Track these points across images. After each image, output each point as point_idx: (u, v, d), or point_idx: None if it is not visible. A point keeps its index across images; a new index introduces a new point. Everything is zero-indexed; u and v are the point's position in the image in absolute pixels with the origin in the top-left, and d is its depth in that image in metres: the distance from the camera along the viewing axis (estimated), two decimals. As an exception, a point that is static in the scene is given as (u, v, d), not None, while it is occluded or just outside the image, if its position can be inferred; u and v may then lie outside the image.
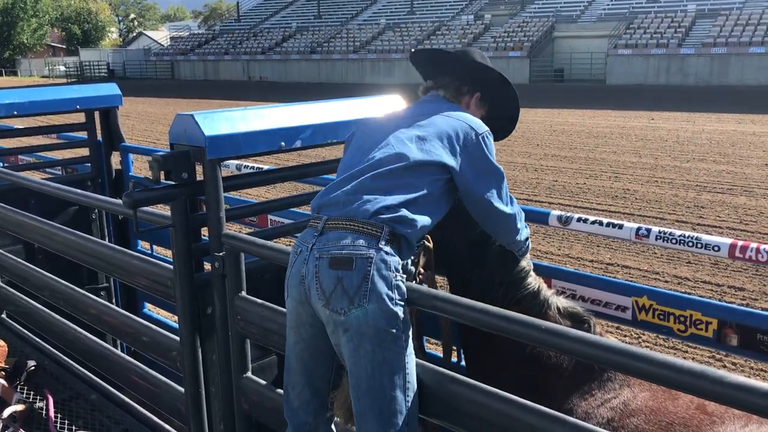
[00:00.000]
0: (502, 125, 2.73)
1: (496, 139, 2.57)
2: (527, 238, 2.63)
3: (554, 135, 19.98)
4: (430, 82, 2.65)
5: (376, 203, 2.17)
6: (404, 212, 2.17)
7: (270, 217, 4.35)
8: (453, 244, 2.70)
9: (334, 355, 2.22)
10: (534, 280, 2.63)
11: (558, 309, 2.60)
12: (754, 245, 2.65)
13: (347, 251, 2.08)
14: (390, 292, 2.05)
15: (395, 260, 2.10)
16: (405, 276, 2.12)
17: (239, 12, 67.56)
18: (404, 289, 2.08)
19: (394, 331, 2.05)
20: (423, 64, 2.73)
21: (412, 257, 2.58)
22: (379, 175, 2.24)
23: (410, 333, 2.12)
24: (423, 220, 2.22)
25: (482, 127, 2.40)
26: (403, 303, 2.07)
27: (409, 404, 2.09)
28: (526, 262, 2.67)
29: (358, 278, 2.05)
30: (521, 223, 2.55)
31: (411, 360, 2.10)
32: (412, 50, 2.71)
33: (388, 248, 2.10)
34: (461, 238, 2.68)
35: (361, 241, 2.10)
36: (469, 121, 2.40)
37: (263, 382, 2.71)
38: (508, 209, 2.44)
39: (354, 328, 2.05)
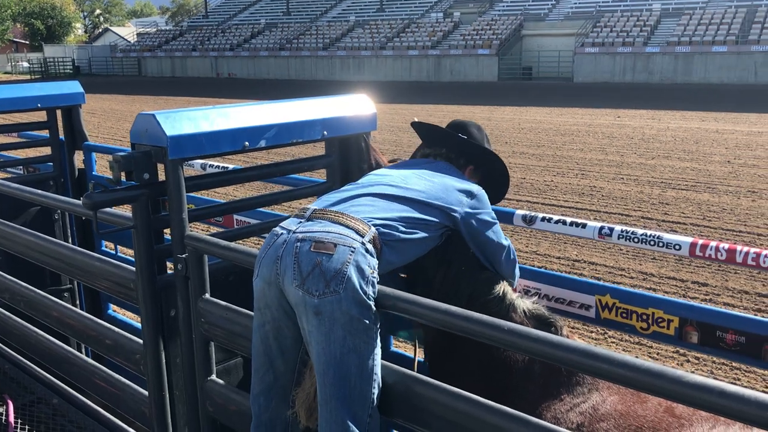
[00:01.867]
0: (493, 194, 2.90)
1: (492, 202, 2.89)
2: (518, 276, 2.84)
3: (522, 133, 20.14)
4: (428, 150, 2.90)
5: (369, 209, 2.30)
6: (393, 225, 2.30)
7: (236, 217, 4.30)
8: (421, 261, 2.68)
9: (299, 343, 2.22)
10: (499, 284, 2.64)
11: (524, 311, 2.60)
12: (713, 244, 2.69)
13: (331, 236, 2.12)
14: (365, 286, 2.07)
15: (374, 261, 2.14)
16: (378, 278, 2.13)
17: (207, 8, 66.94)
18: (377, 288, 2.10)
19: (365, 321, 2.06)
20: (422, 134, 2.98)
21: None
22: (380, 195, 2.40)
23: (379, 328, 2.13)
24: (407, 240, 2.35)
25: (476, 185, 2.66)
26: (374, 300, 2.09)
27: (374, 397, 2.10)
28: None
29: (337, 263, 2.07)
30: (514, 257, 2.78)
31: (378, 354, 2.12)
32: (414, 119, 3.01)
33: (370, 247, 2.15)
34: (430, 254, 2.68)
35: (347, 232, 2.15)
36: (466, 181, 2.67)
37: (228, 384, 2.69)
38: (505, 242, 2.69)
39: (327, 312, 2.05)
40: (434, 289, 2.61)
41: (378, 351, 2.12)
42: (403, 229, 2.32)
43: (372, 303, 2.08)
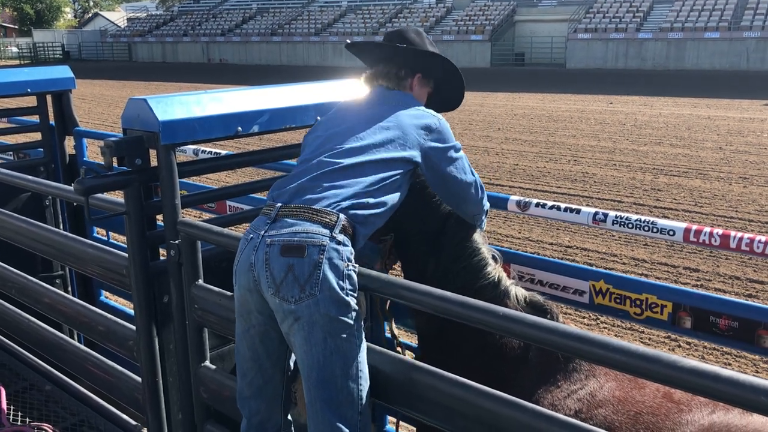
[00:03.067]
0: (452, 95, 2.76)
1: (449, 109, 2.73)
2: (487, 210, 2.67)
3: (515, 119, 20.12)
4: (369, 72, 2.65)
5: (332, 193, 2.17)
6: (360, 201, 2.18)
7: (229, 203, 4.29)
8: (410, 240, 2.67)
9: (285, 343, 2.20)
10: (493, 270, 2.61)
11: (517, 298, 2.59)
12: (707, 229, 2.70)
13: (299, 238, 2.07)
14: (341, 282, 2.04)
15: (348, 250, 2.09)
16: (357, 266, 2.10)
17: (198, -7, 66.37)
18: (356, 279, 2.07)
19: (345, 320, 2.04)
20: (360, 55, 2.75)
21: (380, 247, 2.60)
22: (339, 168, 2.24)
23: (362, 324, 2.12)
24: (379, 210, 2.23)
25: (434, 116, 2.44)
26: (354, 294, 2.07)
27: (362, 394, 2.08)
28: (486, 249, 2.66)
29: (309, 266, 2.03)
30: (483, 193, 2.60)
31: (363, 350, 2.10)
32: (347, 41, 2.74)
33: (341, 237, 2.09)
34: (418, 233, 2.65)
35: (315, 229, 2.08)
36: (423, 114, 2.44)
37: (222, 370, 2.68)
38: (470, 177, 2.50)
39: (305, 316, 2.03)
40: (427, 277, 2.59)
41: (362, 347, 2.10)
42: (372, 201, 2.21)
43: (351, 299, 2.05)
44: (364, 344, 2.12)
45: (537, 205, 3.04)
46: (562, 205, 3.02)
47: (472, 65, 43.57)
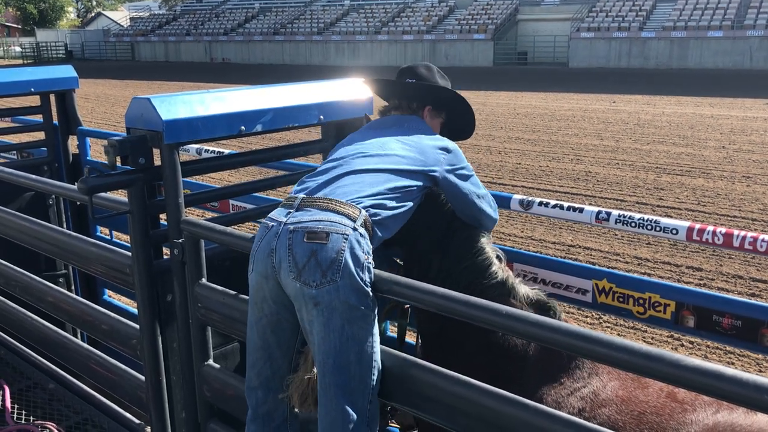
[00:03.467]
0: (463, 125, 2.93)
1: (461, 138, 2.90)
2: (497, 220, 2.78)
3: (518, 118, 20.10)
4: (383, 106, 2.88)
5: (356, 189, 2.26)
6: (381, 202, 2.26)
7: (232, 202, 4.29)
8: (414, 239, 2.67)
9: (297, 333, 2.23)
10: (498, 269, 2.61)
11: (523, 297, 2.58)
12: (710, 228, 2.69)
13: (323, 225, 2.11)
14: (361, 272, 2.07)
15: (368, 243, 2.14)
16: (374, 263, 2.14)
17: (200, -8, 66.38)
18: (373, 273, 2.11)
19: (363, 308, 2.07)
20: (377, 92, 3.00)
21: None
22: (363, 170, 2.35)
23: (377, 314, 2.14)
24: (396, 212, 2.32)
25: (450, 142, 2.61)
26: (371, 286, 2.10)
27: (374, 383, 2.11)
28: (490, 248, 2.66)
29: (332, 252, 2.07)
30: (494, 205, 2.73)
31: (377, 340, 2.13)
32: (361, 80, 3.05)
33: (363, 231, 2.14)
34: (423, 233, 2.65)
35: (338, 219, 2.13)
36: (439, 137, 2.63)
37: (225, 369, 2.69)
38: (483, 191, 2.66)
39: (325, 302, 2.06)
40: (431, 276, 2.59)
41: (376, 337, 2.13)
42: (392, 204, 2.30)
43: (369, 289, 2.08)
44: (378, 335, 2.14)
45: (540, 204, 3.04)
46: (566, 204, 3.01)
47: (474, 64, 43.54)
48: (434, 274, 2.60)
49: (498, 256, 2.68)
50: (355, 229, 2.12)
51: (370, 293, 2.09)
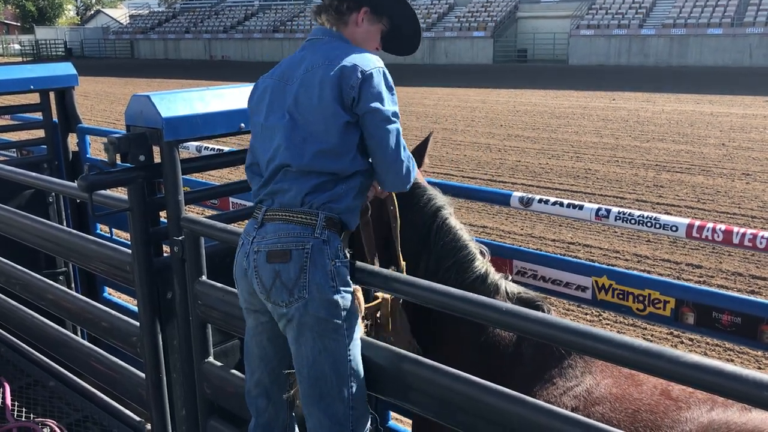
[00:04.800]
0: (410, 32, 2.44)
1: (405, 53, 2.45)
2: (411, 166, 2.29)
3: (517, 115, 20.08)
4: (315, 4, 2.36)
5: (303, 189, 2.11)
6: (334, 191, 2.12)
7: (232, 199, 4.29)
8: (401, 241, 2.64)
9: None
10: (481, 264, 2.59)
11: (506, 293, 2.56)
12: (710, 225, 2.69)
13: (282, 244, 2.08)
14: (330, 281, 2.06)
15: (333, 246, 2.09)
16: (347, 259, 2.11)
17: (200, -11, 66.32)
18: (345, 273, 2.09)
19: (335, 320, 2.07)
20: None
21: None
22: (299, 171, 2.12)
23: (357, 320, 2.14)
24: (353, 189, 2.16)
25: (369, 65, 2.14)
26: (347, 289, 2.09)
27: (354, 391, 2.11)
28: (473, 245, 2.64)
29: (295, 270, 2.06)
30: (409, 163, 2.26)
31: (355, 347, 2.12)
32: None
33: (325, 235, 2.09)
34: (408, 233, 2.62)
35: (297, 232, 2.09)
36: (353, 66, 2.12)
37: (225, 366, 2.69)
38: (394, 140, 2.17)
39: (296, 318, 2.07)
40: (419, 275, 2.57)
41: (354, 344, 2.11)
42: (342, 187, 2.12)
43: (340, 297, 2.07)
44: (357, 341, 2.14)
45: (540, 201, 3.04)
46: (565, 201, 3.02)
47: (474, 62, 43.51)
48: (422, 273, 2.57)
49: (481, 251, 2.66)
50: (316, 237, 2.07)
51: (341, 302, 2.07)
